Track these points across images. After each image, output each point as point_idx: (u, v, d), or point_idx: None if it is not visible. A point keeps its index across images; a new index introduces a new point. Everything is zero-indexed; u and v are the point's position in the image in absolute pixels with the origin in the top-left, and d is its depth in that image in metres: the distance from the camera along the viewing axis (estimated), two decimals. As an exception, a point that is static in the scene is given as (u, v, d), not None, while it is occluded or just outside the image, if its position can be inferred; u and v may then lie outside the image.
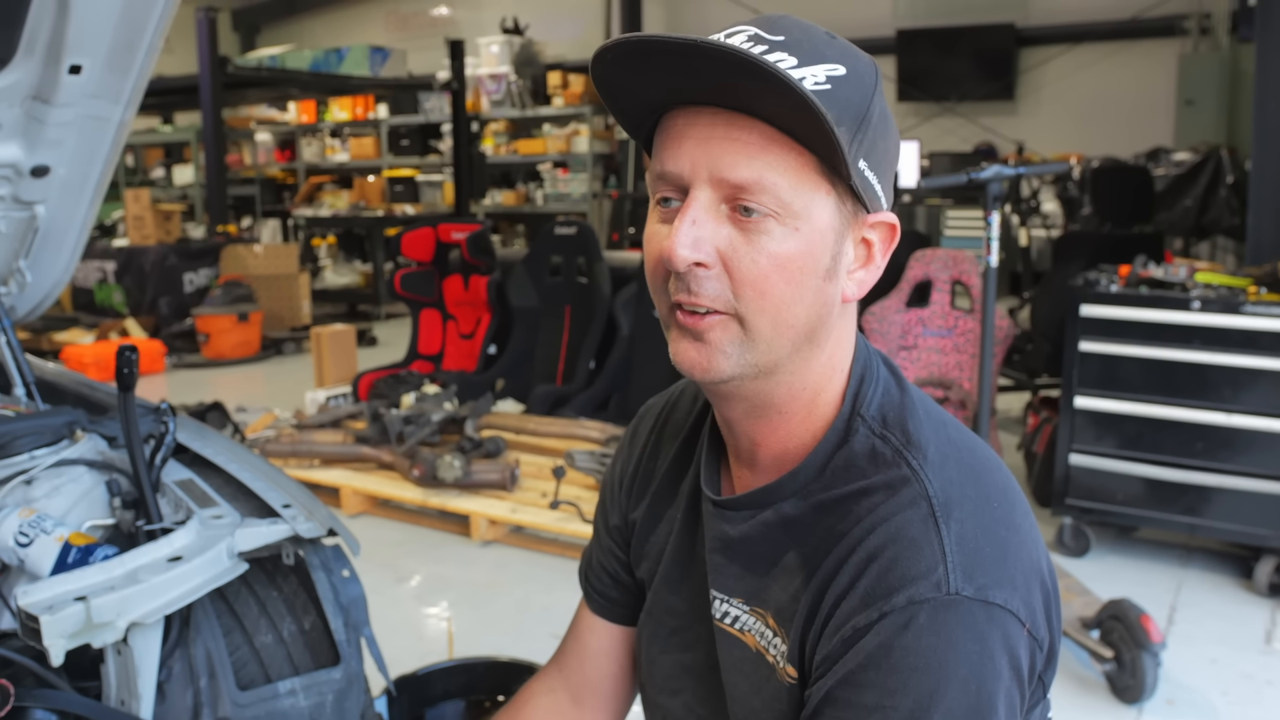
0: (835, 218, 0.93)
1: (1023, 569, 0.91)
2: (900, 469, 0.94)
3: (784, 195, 0.89)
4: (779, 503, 1.00)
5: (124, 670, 1.43)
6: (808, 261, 0.92)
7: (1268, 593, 3.52)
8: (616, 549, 1.26)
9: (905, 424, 0.97)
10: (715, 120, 0.90)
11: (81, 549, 1.48)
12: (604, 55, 0.91)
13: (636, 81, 0.92)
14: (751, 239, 0.90)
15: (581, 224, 6.08)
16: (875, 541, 0.90)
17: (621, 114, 0.98)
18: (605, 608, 1.28)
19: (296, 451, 4.78)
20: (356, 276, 11.12)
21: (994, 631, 0.87)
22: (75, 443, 1.74)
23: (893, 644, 0.86)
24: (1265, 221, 4.57)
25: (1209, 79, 10.08)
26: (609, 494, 1.28)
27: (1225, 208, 7.71)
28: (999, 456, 1.00)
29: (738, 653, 1.04)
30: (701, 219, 0.90)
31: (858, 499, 0.94)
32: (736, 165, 0.89)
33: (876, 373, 1.02)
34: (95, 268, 9.42)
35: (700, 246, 0.90)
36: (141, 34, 1.78)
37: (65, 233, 2.12)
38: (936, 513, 0.90)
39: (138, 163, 15.25)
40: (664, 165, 0.93)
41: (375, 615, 1.72)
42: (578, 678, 1.30)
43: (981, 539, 0.90)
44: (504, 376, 5.93)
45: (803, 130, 0.88)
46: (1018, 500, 0.96)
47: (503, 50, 12.07)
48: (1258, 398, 3.50)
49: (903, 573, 0.88)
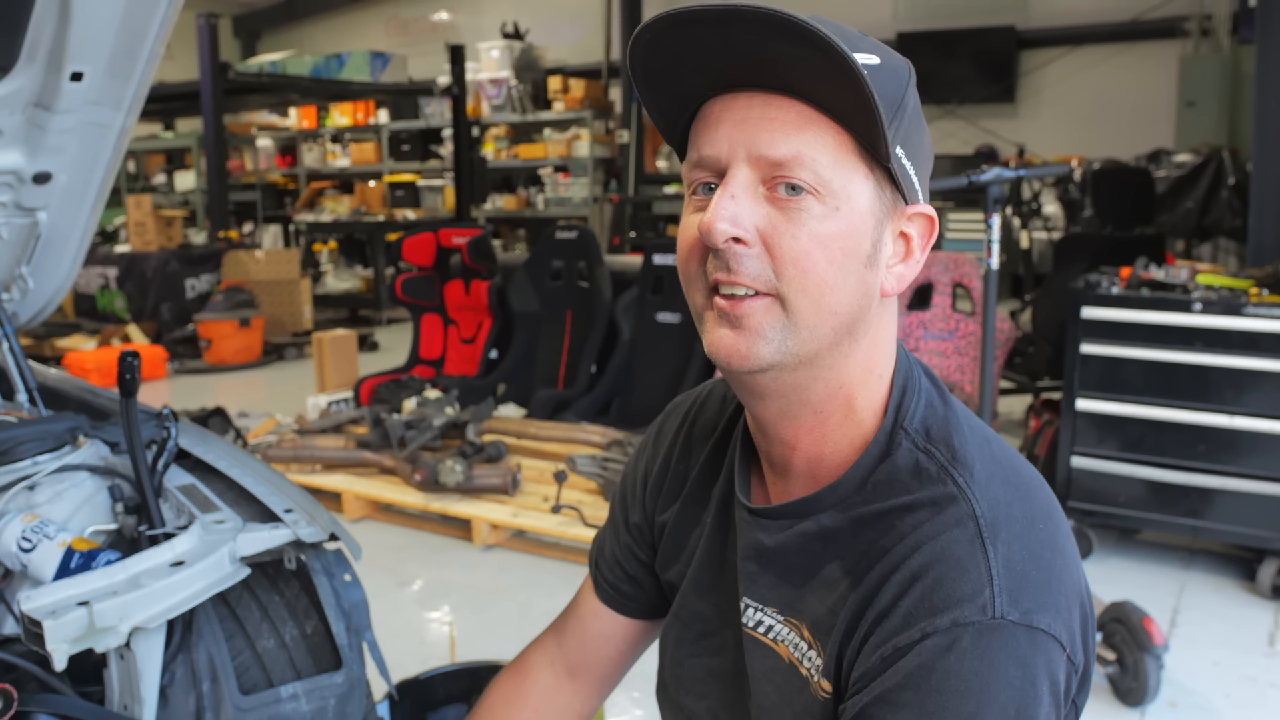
0: (875, 203, 0.92)
1: (1066, 593, 0.89)
2: (946, 486, 0.92)
3: (823, 172, 0.88)
4: (817, 514, 0.98)
5: (126, 675, 1.43)
6: (849, 243, 0.90)
7: (1271, 595, 3.52)
8: (635, 546, 1.25)
9: (950, 439, 0.95)
10: (752, 101, 0.90)
11: (84, 554, 1.48)
12: (642, 35, 0.89)
13: (673, 65, 0.91)
14: (792, 217, 0.89)
15: (582, 228, 6.08)
16: (920, 560, 0.89)
17: (658, 110, 0.97)
18: (614, 599, 1.28)
19: (298, 456, 4.78)
20: (358, 281, 11.13)
21: (1037, 657, 0.85)
22: (78, 448, 1.74)
23: (934, 665, 0.84)
24: (1266, 223, 4.57)
25: (1210, 80, 10.08)
26: (630, 490, 1.26)
27: (1227, 209, 7.72)
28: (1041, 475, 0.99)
29: (769, 662, 1.03)
30: (740, 195, 0.89)
31: (901, 514, 0.92)
32: (775, 142, 0.88)
33: (919, 383, 1.00)
34: (97, 274, 9.43)
35: (739, 222, 0.88)
36: (142, 41, 1.78)
37: (67, 239, 2.12)
38: (984, 533, 0.88)
39: (139, 169, 15.27)
40: (700, 150, 0.92)
41: (377, 620, 1.72)
42: (577, 656, 1.30)
43: (1028, 562, 0.88)
44: (505, 381, 5.94)
45: (841, 105, 0.87)
46: (1061, 521, 0.94)
47: (503, 55, 12.08)
48: (1260, 399, 3.49)
49: (948, 594, 0.86)
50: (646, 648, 1.33)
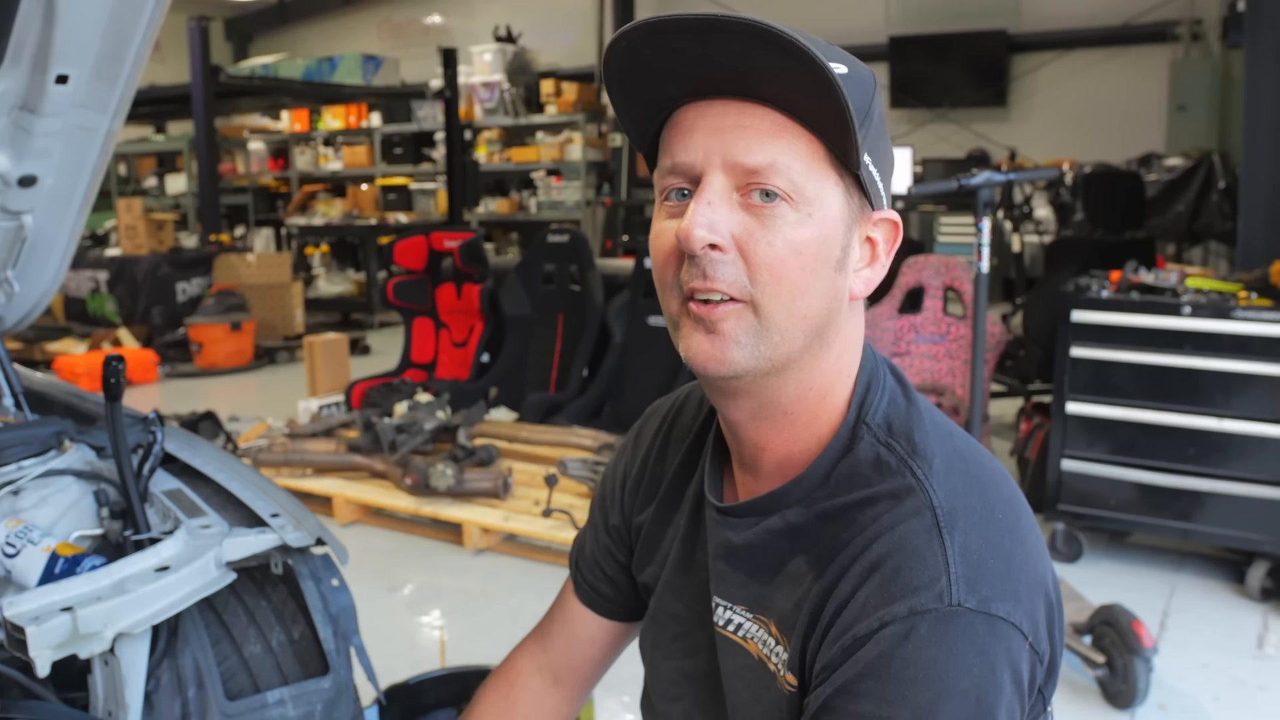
0: (844, 209, 0.93)
1: (1027, 581, 0.90)
2: (905, 478, 0.93)
3: (798, 179, 0.90)
4: (783, 510, 0.99)
5: (111, 681, 1.42)
6: (821, 249, 0.91)
7: (1260, 597, 3.53)
8: (613, 548, 1.26)
9: (911, 433, 0.96)
10: (726, 109, 0.91)
11: (68, 559, 1.47)
12: (619, 42, 0.90)
13: (649, 72, 0.92)
14: (767, 223, 0.90)
15: (574, 232, 6.08)
16: (878, 550, 0.90)
17: (629, 118, 0.98)
18: (595, 601, 1.30)
19: (289, 460, 4.77)
20: (350, 285, 11.12)
21: (996, 644, 0.86)
22: (63, 453, 1.73)
23: (893, 654, 0.85)
24: (1256, 226, 4.58)
25: (1200, 85, 10.13)
26: (609, 492, 1.27)
27: (1217, 213, 7.74)
28: (1006, 469, 1.00)
29: (740, 660, 1.03)
30: (716, 202, 0.90)
31: (862, 508, 0.94)
32: (750, 150, 0.89)
33: (883, 380, 1.01)
34: (88, 277, 9.40)
35: (716, 229, 0.89)
36: (129, 43, 1.78)
37: (53, 243, 2.11)
38: (941, 523, 0.89)
39: (130, 172, 15.24)
40: (675, 157, 0.93)
41: (367, 624, 1.71)
42: (562, 660, 1.32)
43: (985, 550, 0.89)
44: (497, 384, 5.93)
45: (815, 114, 0.88)
46: (1023, 512, 0.95)
47: (496, 58, 12.09)
48: (1249, 402, 3.50)
49: (905, 582, 0.87)
50: (624, 649, 1.35)
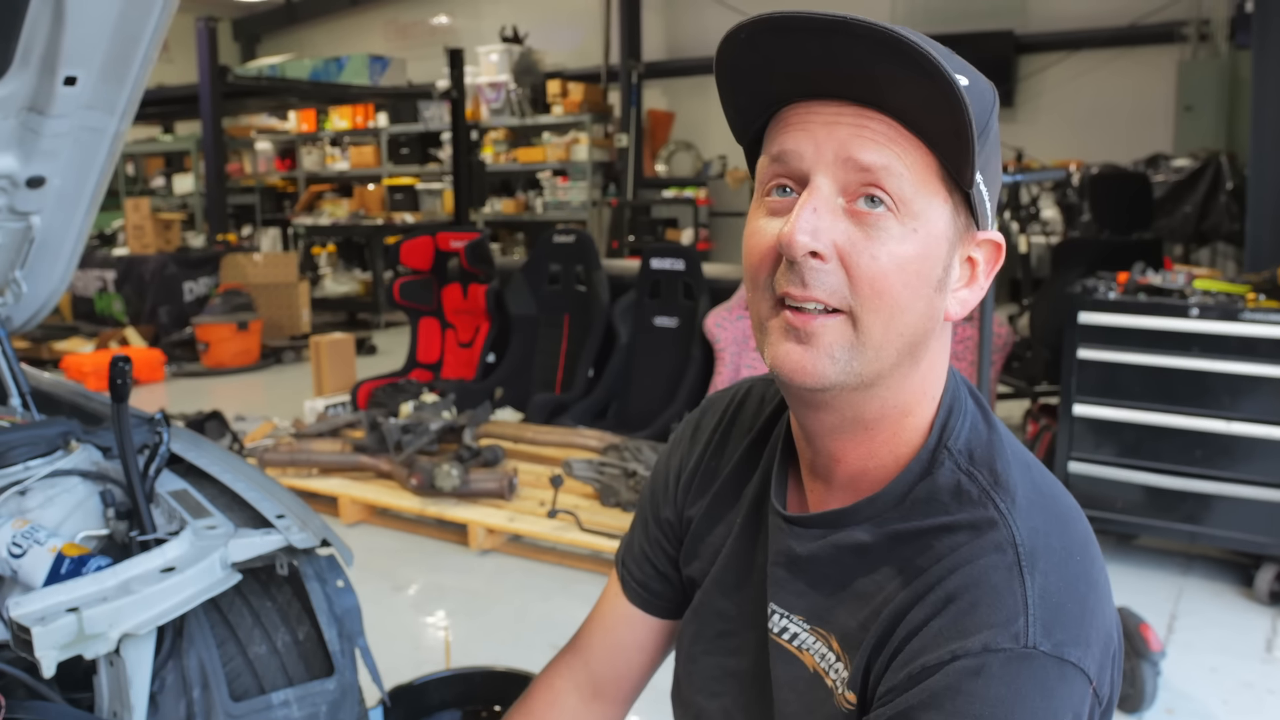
0: (949, 228, 0.91)
1: (1097, 626, 0.89)
2: (986, 510, 0.91)
3: (907, 190, 0.87)
4: (852, 526, 0.97)
5: (116, 681, 1.42)
6: (924, 267, 0.89)
7: (1268, 601, 3.51)
8: (665, 542, 1.24)
9: (994, 463, 0.94)
10: (842, 109, 0.88)
11: (74, 560, 1.47)
12: (737, 35, 0.87)
13: (762, 66, 0.89)
14: (871, 235, 0.87)
15: (580, 232, 6.08)
16: (956, 582, 0.88)
17: (736, 110, 0.95)
18: (646, 600, 1.26)
19: (295, 460, 4.78)
20: (356, 285, 11.12)
21: (1063, 689, 0.84)
22: (70, 453, 1.73)
23: (960, 687, 0.84)
24: (1264, 228, 4.57)
25: (1208, 85, 10.09)
26: (661, 485, 1.25)
27: (1225, 214, 7.72)
28: (1078, 504, 0.98)
29: (794, 670, 1.02)
30: (822, 209, 0.87)
31: (939, 535, 0.92)
32: (866, 147, 0.86)
33: (965, 405, 1.00)
34: (95, 277, 9.43)
35: (820, 236, 0.87)
36: (136, 45, 1.78)
37: (61, 243, 2.12)
38: (1022, 561, 0.87)
39: (138, 172, 15.27)
40: (783, 145, 0.90)
41: (372, 624, 1.71)
42: (606, 671, 1.27)
43: (1063, 594, 0.87)
44: (502, 385, 5.93)
45: (934, 127, 0.86)
46: (1096, 554, 0.94)
47: (502, 59, 12.08)
48: (1257, 405, 3.49)
49: (982, 618, 0.85)
50: (670, 651, 1.30)
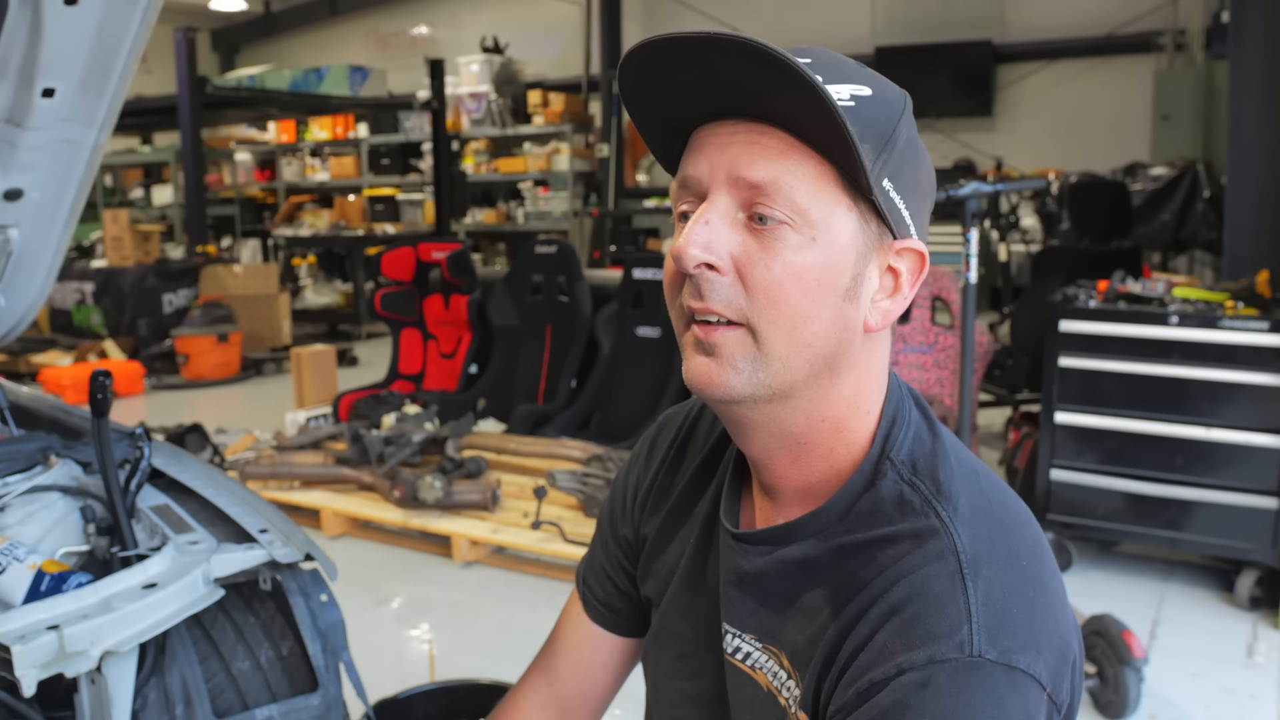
0: (858, 236, 0.91)
1: (1048, 631, 0.88)
2: (929, 519, 0.91)
3: (801, 201, 0.88)
4: (799, 541, 0.97)
5: (98, 700, 1.41)
6: (825, 275, 0.89)
7: (1249, 606, 3.53)
8: (624, 560, 1.23)
9: (936, 472, 0.94)
10: (736, 128, 0.90)
11: (54, 577, 1.46)
12: (629, 61, 0.90)
13: (662, 92, 0.92)
14: (767, 246, 0.88)
15: (562, 243, 6.08)
16: (899, 594, 0.88)
17: (652, 138, 0.98)
18: (608, 618, 1.25)
19: (276, 473, 4.75)
20: (337, 296, 11.09)
21: (1014, 697, 0.83)
22: (49, 468, 1.72)
23: (909, 702, 0.83)
24: (1241, 236, 4.60)
25: (1185, 94, 10.19)
26: (620, 503, 1.24)
27: (1202, 222, 7.78)
28: (1029, 511, 0.98)
29: (748, 690, 1.01)
30: (715, 222, 0.89)
31: (882, 546, 0.91)
32: (754, 165, 0.88)
33: (909, 415, 0.99)
34: (74, 289, 9.36)
35: (712, 248, 0.89)
36: (115, 57, 1.77)
37: (39, 256, 2.10)
38: (964, 569, 0.87)
39: (116, 183, 15.19)
40: (685, 170, 0.93)
41: (356, 637, 1.70)
42: (571, 690, 1.27)
43: (1009, 599, 0.87)
44: (485, 396, 5.92)
45: (820, 136, 0.87)
46: (1047, 559, 0.93)
47: (483, 69, 12.10)
48: (1236, 412, 3.52)
49: (925, 629, 0.85)
50: (633, 669, 1.30)
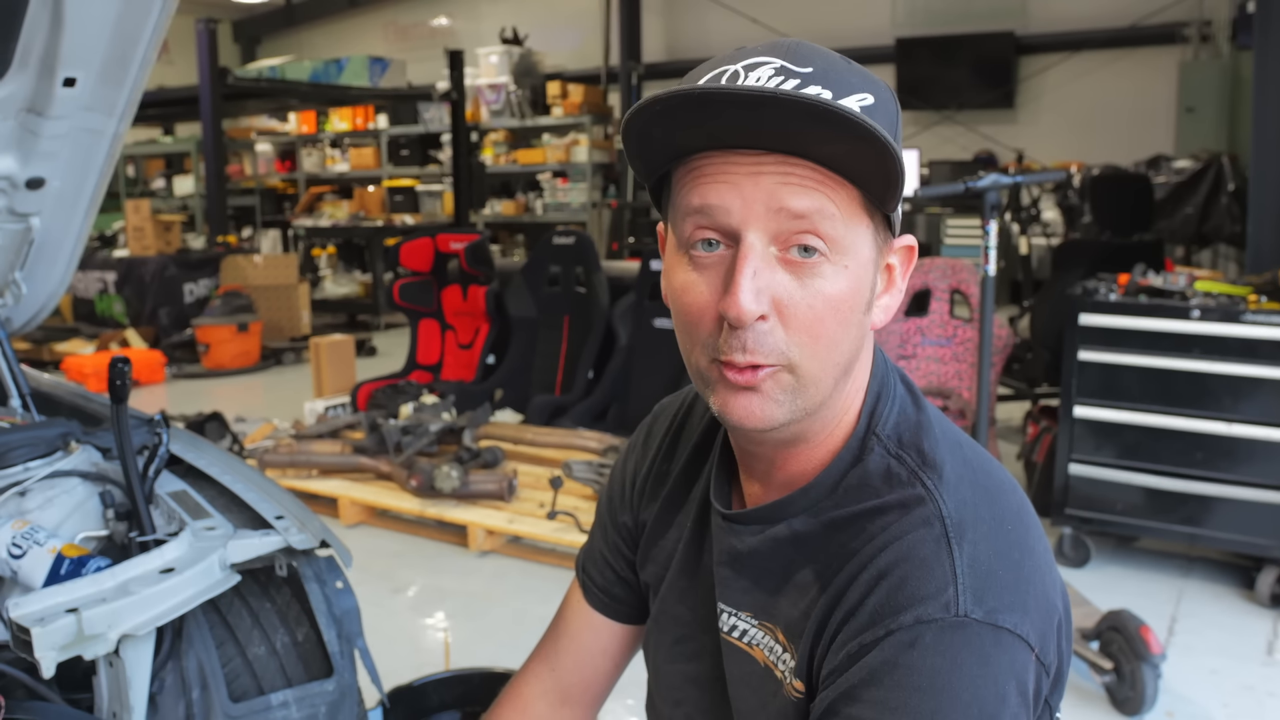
0: (872, 249, 0.92)
1: (1034, 592, 0.90)
2: (915, 488, 0.93)
3: (837, 230, 0.87)
4: (789, 518, 0.99)
5: (115, 682, 1.42)
6: (855, 298, 0.90)
7: (1269, 603, 3.51)
8: (624, 547, 1.25)
9: (920, 444, 0.96)
10: (763, 158, 0.86)
11: (74, 561, 1.47)
12: (654, 105, 0.84)
13: (679, 131, 0.87)
14: (805, 283, 0.87)
15: (580, 234, 6.07)
16: (886, 559, 0.90)
17: (642, 161, 0.93)
18: (608, 605, 1.27)
19: (294, 462, 4.78)
20: (356, 286, 11.12)
21: (1001, 656, 0.86)
22: (69, 454, 1.73)
23: (896, 661, 0.85)
24: (1265, 229, 4.57)
25: (1209, 86, 10.09)
26: (618, 490, 1.26)
27: (1226, 215, 7.71)
28: (1015, 479, 1.00)
29: (746, 667, 1.03)
30: (761, 269, 0.86)
31: (871, 517, 0.94)
32: (796, 194, 0.85)
33: (893, 390, 1.01)
34: (96, 278, 9.43)
35: (762, 298, 0.86)
36: (135, 47, 1.78)
37: (60, 244, 2.12)
38: (950, 533, 0.89)
39: (138, 174, 15.28)
40: (706, 198, 0.87)
41: (372, 626, 1.71)
42: (572, 678, 1.28)
43: (994, 561, 0.89)
44: (502, 386, 5.93)
45: (860, 169, 0.86)
46: (1032, 524, 0.95)
47: (502, 60, 12.09)
48: (1258, 407, 3.49)
49: (912, 592, 0.87)
50: (634, 656, 1.32)
